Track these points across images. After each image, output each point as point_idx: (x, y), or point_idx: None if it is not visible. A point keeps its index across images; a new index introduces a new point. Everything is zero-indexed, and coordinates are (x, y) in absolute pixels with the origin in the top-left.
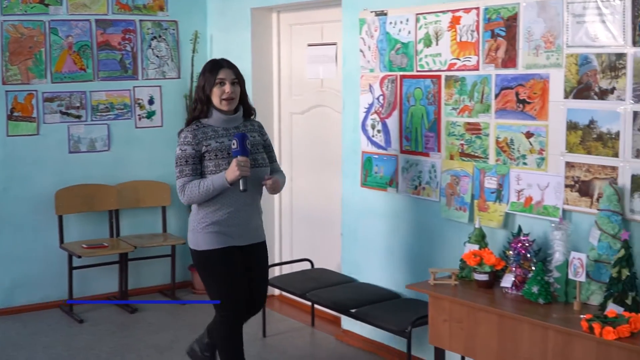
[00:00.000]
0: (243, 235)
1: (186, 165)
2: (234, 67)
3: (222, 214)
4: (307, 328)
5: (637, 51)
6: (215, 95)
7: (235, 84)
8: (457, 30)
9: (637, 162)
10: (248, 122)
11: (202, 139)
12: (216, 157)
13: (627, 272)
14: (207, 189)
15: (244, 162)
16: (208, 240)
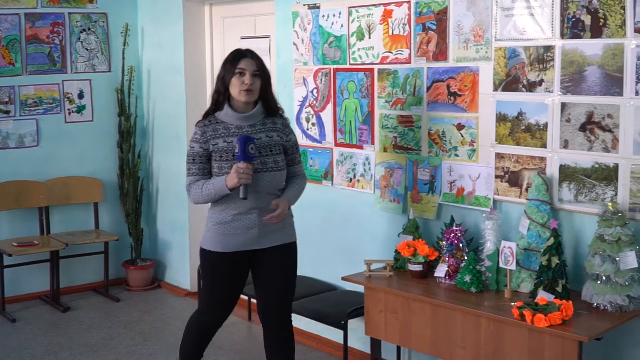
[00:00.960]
0: (251, 241)
1: (193, 163)
2: (258, 59)
3: (227, 216)
4: (244, 322)
5: (565, 43)
6: (234, 86)
7: (256, 76)
8: (389, 23)
9: (565, 153)
10: (269, 120)
11: (211, 136)
12: (220, 159)
13: (557, 260)
14: (209, 192)
15: (244, 169)
16: (212, 241)
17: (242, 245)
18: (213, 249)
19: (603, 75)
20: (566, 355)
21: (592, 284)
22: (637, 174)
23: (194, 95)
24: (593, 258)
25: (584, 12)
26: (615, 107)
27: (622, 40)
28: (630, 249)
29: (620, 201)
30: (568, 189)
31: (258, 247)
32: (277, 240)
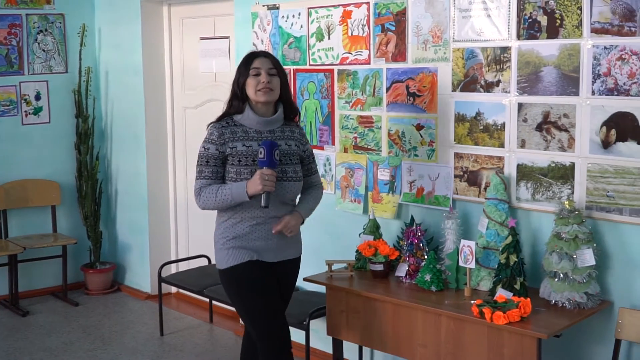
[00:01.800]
0: (269, 251)
1: (206, 165)
2: (272, 57)
3: (244, 228)
4: (206, 325)
5: (521, 44)
6: (250, 86)
7: (273, 74)
8: (348, 24)
9: (522, 152)
10: (288, 127)
11: (229, 139)
12: (239, 163)
13: (515, 258)
14: (225, 198)
15: (269, 176)
16: (230, 256)
17: (262, 255)
18: (235, 263)
19: (559, 75)
20: (525, 352)
21: (550, 281)
22: (593, 173)
23: (152, 96)
24: (550, 256)
25: (540, 13)
26: (571, 106)
27: (578, 40)
28: (587, 247)
29: (577, 199)
30: (525, 187)
31: (277, 259)
32: (291, 254)
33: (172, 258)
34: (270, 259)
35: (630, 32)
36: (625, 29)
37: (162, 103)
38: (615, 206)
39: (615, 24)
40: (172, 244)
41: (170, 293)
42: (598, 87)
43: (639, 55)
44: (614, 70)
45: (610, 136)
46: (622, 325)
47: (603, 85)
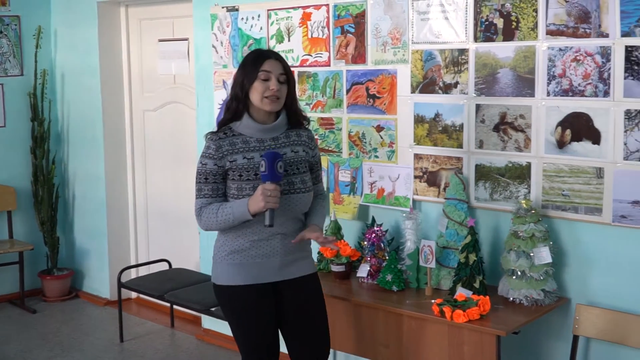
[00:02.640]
0: (270, 270)
1: (205, 183)
2: (284, 61)
3: (244, 242)
4: (167, 330)
5: (478, 46)
6: (255, 91)
7: (282, 81)
8: (308, 26)
9: (480, 153)
10: (293, 132)
11: (228, 152)
12: (240, 178)
13: (474, 257)
14: (227, 218)
15: (272, 191)
16: (228, 274)
17: (263, 276)
18: (231, 283)
19: (515, 77)
20: (485, 349)
21: (508, 279)
22: (548, 172)
23: (110, 99)
24: (508, 254)
25: (496, 15)
26: (527, 107)
27: (533, 42)
28: (544, 245)
29: (533, 198)
30: (484, 187)
31: (280, 278)
32: (300, 271)
33: (131, 263)
34: (270, 278)
35: (585, 34)
36: (580, 31)
37: (120, 106)
38: (570, 205)
39: (570, 26)
40: (131, 249)
41: (130, 298)
42: (553, 88)
43: (593, 56)
44: (569, 71)
45: (565, 136)
46: (579, 322)
47: (558, 87)
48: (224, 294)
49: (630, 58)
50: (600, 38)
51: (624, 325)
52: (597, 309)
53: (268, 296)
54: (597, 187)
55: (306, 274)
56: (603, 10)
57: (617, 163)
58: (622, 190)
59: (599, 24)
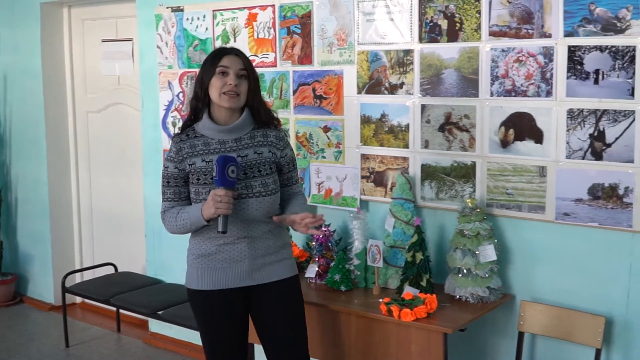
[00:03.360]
0: (239, 275)
1: (167, 186)
2: (245, 57)
3: (211, 246)
4: (113, 334)
5: (423, 47)
6: (214, 87)
7: (242, 77)
8: (254, 27)
9: (426, 152)
10: (260, 132)
11: (188, 155)
12: (197, 182)
13: (421, 256)
14: (184, 222)
15: (222, 197)
16: (196, 278)
17: (231, 281)
18: (199, 287)
19: (459, 77)
20: (432, 347)
21: (455, 277)
22: (493, 171)
23: (53, 101)
24: (454, 252)
25: (441, 16)
26: (471, 107)
27: (477, 43)
28: (489, 243)
29: (478, 197)
30: (430, 187)
31: (250, 283)
32: (274, 275)
33: (76, 267)
34: (239, 283)
35: (527, 35)
36: (522, 32)
37: (63, 107)
38: (514, 203)
39: (513, 27)
40: (76, 253)
41: (75, 303)
42: (497, 89)
43: (536, 57)
44: (512, 72)
45: (509, 136)
46: (524, 318)
47: (501, 87)
48: (193, 298)
49: (573, 58)
50: (542, 38)
51: (568, 321)
52: (542, 305)
53: (238, 302)
54: (540, 186)
55: (280, 278)
56: (546, 11)
57: (560, 162)
58: (564, 189)
59: (541, 24)
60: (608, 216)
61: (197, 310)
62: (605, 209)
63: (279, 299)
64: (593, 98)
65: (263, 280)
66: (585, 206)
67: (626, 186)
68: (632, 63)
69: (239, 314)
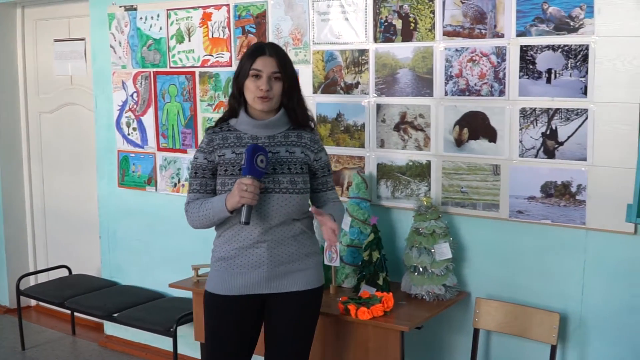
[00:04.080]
0: (257, 282)
1: (195, 177)
2: (280, 56)
3: (230, 250)
4: (68, 337)
5: (378, 47)
6: (248, 90)
7: (276, 79)
8: (208, 26)
9: (381, 152)
10: (294, 132)
11: (219, 146)
12: (225, 173)
13: (377, 255)
14: (207, 213)
15: (248, 186)
16: (214, 281)
17: (248, 287)
18: (215, 291)
19: (414, 77)
20: (389, 345)
21: (411, 275)
22: (447, 170)
23: (4, 101)
24: (410, 251)
25: (395, 16)
26: (426, 107)
27: (431, 43)
28: (445, 241)
29: (434, 196)
30: (386, 186)
31: (268, 291)
32: (295, 285)
33: (30, 269)
34: (258, 290)
35: (480, 35)
36: (476, 32)
37: (16, 108)
38: (469, 201)
39: (466, 27)
40: (30, 255)
41: (30, 306)
42: (451, 88)
43: (489, 56)
44: (465, 71)
45: (463, 135)
46: (479, 315)
47: (455, 86)
48: (209, 301)
49: (525, 57)
50: (495, 38)
51: (523, 318)
52: (496, 302)
53: (252, 311)
54: (494, 184)
55: (302, 289)
56: (499, 11)
57: (513, 160)
58: (518, 187)
59: (494, 24)
60: (561, 214)
61: (209, 313)
62: (558, 206)
63: (295, 312)
64: (545, 97)
65: (282, 289)
66: (539, 204)
67: (579, 184)
68: (584, 62)
69: (251, 326)
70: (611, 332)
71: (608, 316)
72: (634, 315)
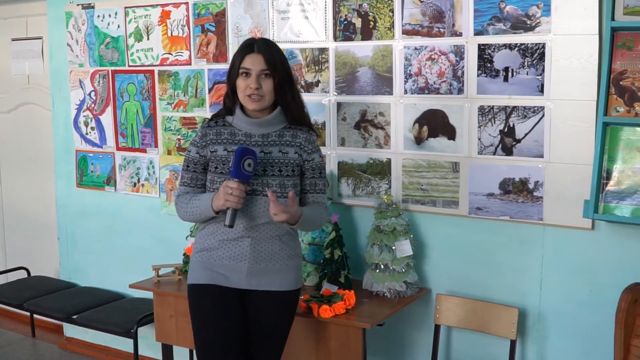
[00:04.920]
0: (238, 275)
1: (186, 170)
2: (268, 53)
3: (213, 242)
4: (28, 339)
5: (338, 46)
6: (239, 89)
7: (266, 76)
8: (167, 24)
9: (342, 150)
10: (290, 132)
11: (211, 141)
12: (215, 170)
13: (339, 253)
14: (194, 210)
15: (234, 189)
16: (196, 271)
17: (228, 280)
18: (196, 281)
19: (374, 75)
20: (351, 342)
21: (372, 272)
22: (408, 168)
23: None
24: (372, 248)
25: (355, 15)
26: (386, 105)
27: (390, 42)
28: (405, 238)
29: (394, 193)
30: (347, 184)
31: (247, 287)
32: (274, 285)
33: None
34: (238, 284)
35: (439, 33)
36: (434, 30)
37: None
38: (429, 198)
39: (425, 26)
40: None
41: None
42: (410, 86)
43: (447, 55)
44: (425, 69)
45: (423, 132)
46: (439, 311)
47: (415, 85)
48: (192, 294)
49: (483, 56)
50: (454, 37)
51: (482, 313)
52: (457, 298)
53: (234, 301)
54: (453, 181)
55: (279, 289)
56: (457, 10)
57: (472, 157)
58: (477, 184)
59: (452, 23)
60: (519, 210)
61: (193, 304)
62: (516, 202)
63: (271, 311)
64: (503, 95)
65: (260, 287)
66: (497, 200)
67: (536, 180)
68: (541, 60)
69: (236, 315)
70: (569, 326)
71: (566, 311)
72: (591, 309)
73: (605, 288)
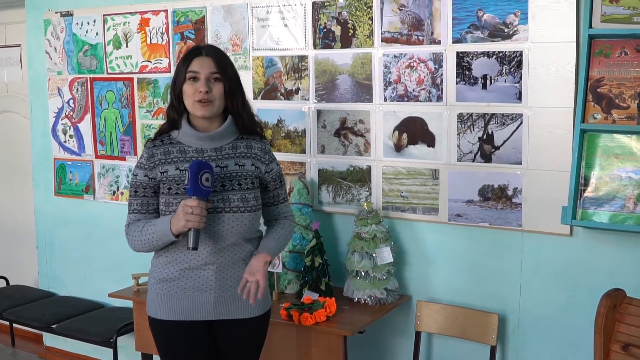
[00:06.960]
0: (204, 306)
1: (135, 197)
2: (217, 56)
3: (174, 271)
4: (7, 349)
5: (317, 53)
6: (186, 95)
7: (215, 80)
8: (146, 32)
9: (322, 157)
10: (243, 142)
11: (160, 162)
12: (169, 192)
13: (320, 260)
14: (150, 237)
15: (194, 208)
16: (155, 305)
17: (194, 312)
18: (158, 317)
19: (354, 83)
20: (332, 350)
21: (353, 280)
22: (387, 175)
23: None
24: (352, 255)
25: (334, 23)
26: (366, 112)
27: (369, 49)
28: (386, 245)
29: (374, 201)
30: (327, 191)
31: (214, 317)
32: (243, 312)
33: None
34: (204, 316)
35: (418, 41)
36: (413, 38)
37: None
38: (409, 205)
39: (404, 33)
40: None
41: None
42: (389, 94)
43: (426, 62)
44: (404, 77)
45: (402, 140)
46: (420, 318)
47: (394, 92)
48: (154, 327)
49: (462, 64)
50: (432, 45)
51: (462, 319)
52: (437, 304)
53: (202, 335)
54: (433, 188)
55: (249, 316)
56: (435, 18)
57: (451, 164)
58: (456, 191)
59: (431, 31)
60: (498, 216)
61: (159, 339)
62: (496, 209)
63: (241, 338)
64: (481, 102)
65: (229, 316)
66: (477, 207)
67: (515, 187)
68: (519, 68)
69: (206, 345)
70: (548, 332)
71: (545, 316)
72: (570, 315)
73: (584, 293)
